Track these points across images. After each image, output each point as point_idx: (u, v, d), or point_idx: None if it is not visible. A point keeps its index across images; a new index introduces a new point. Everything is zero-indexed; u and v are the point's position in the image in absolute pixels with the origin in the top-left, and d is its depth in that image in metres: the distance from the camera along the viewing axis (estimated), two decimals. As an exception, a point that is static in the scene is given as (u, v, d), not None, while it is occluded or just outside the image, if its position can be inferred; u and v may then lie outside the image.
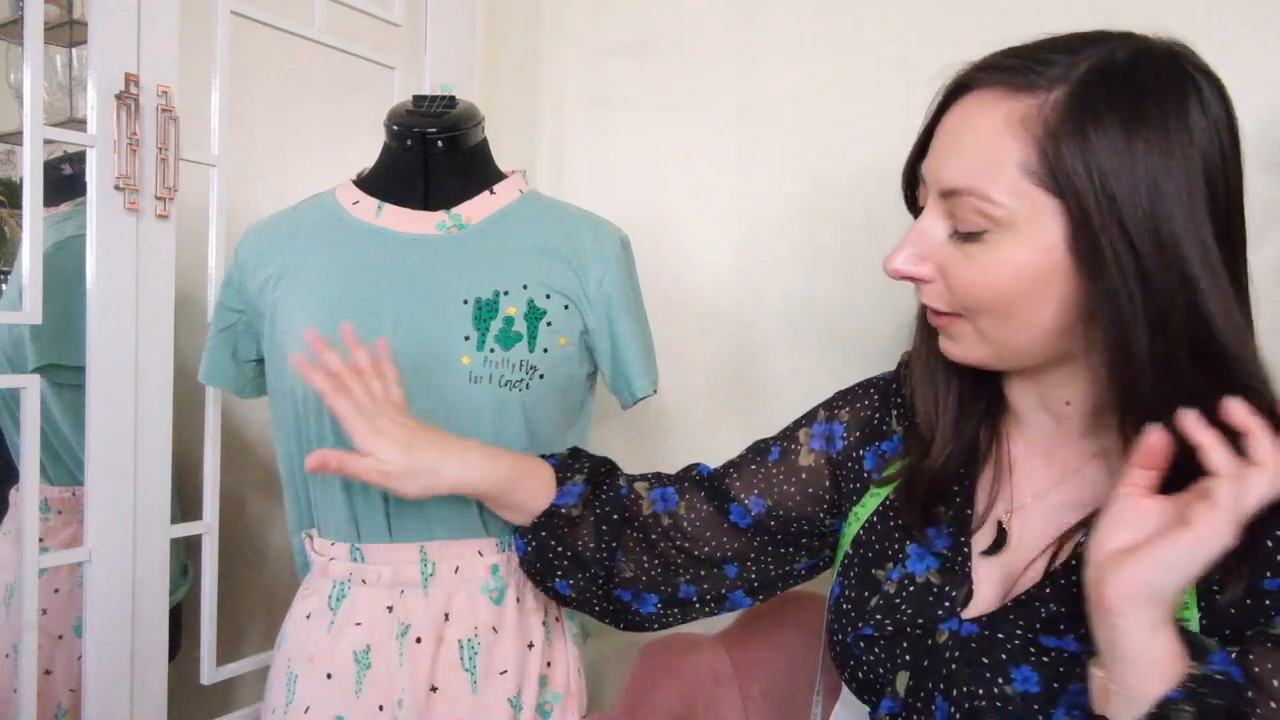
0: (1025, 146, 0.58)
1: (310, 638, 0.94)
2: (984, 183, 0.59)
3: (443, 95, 1.00)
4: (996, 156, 0.59)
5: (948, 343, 0.68)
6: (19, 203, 1.11)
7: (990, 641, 0.64)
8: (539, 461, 0.88)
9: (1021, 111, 0.59)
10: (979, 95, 0.62)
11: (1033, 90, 0.59)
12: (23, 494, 1.03)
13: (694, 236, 1.30)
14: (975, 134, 0.61)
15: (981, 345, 0.65)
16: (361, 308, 0.92)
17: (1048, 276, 0.59)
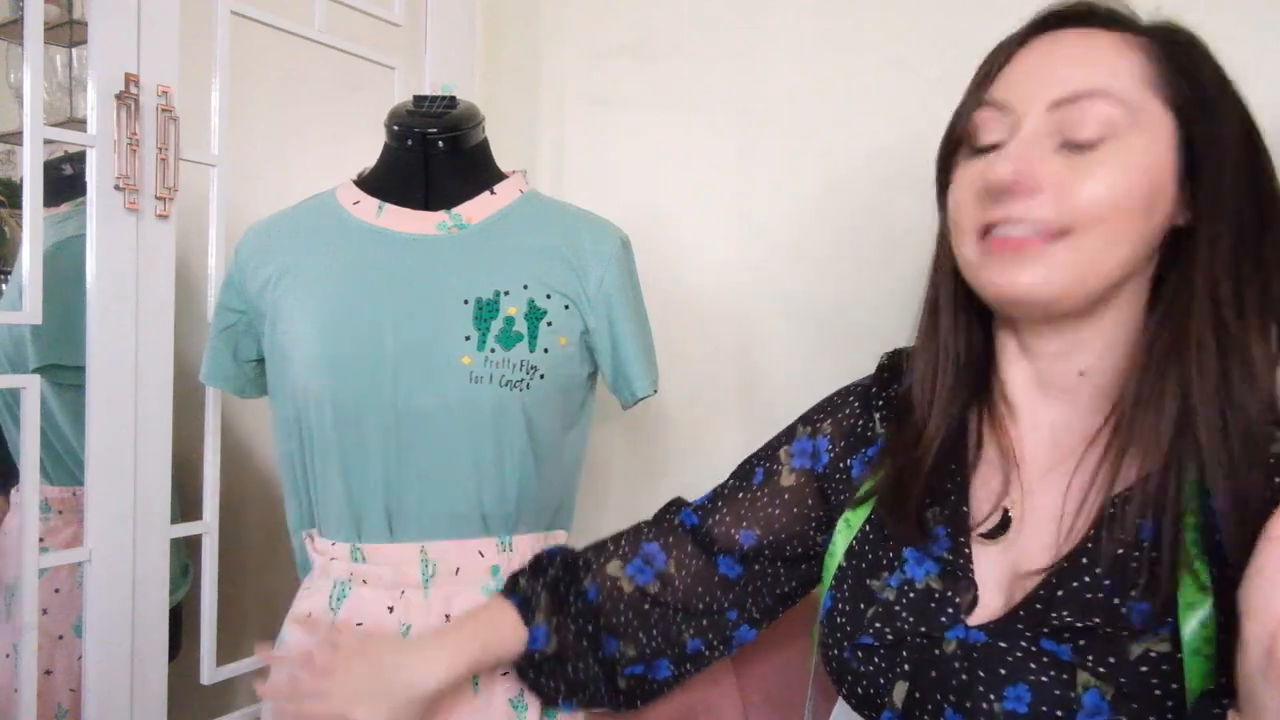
0: (1144, 60, 0.61)
1: (311, 638, 0.94)
2: (1106, 83, 0.60)
3: (443, 95, 1.00)
4: (1117, 64, 0.60)
5: (1021, 270, 0.61)
6: (19, 203, 1.11)
7: (995, 651, 0.62)
8: (500, 607, 0.84)
9: (1129, 39, 0.62)
10: (1072, 30, 0.63)
11: (1124, 28, 0.62)
12: (23, 494, 1.03)
13: (694, 236, 1.30)
14: (1090, 47, 0.61)
15: (1069, 270, 0.61)
16: (362, 308, 0.92)
17: (1158, 189, 0.60)
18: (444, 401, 0.91)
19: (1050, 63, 0.62)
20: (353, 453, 0.92)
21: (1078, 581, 0.61)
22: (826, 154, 1.19)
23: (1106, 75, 0.60)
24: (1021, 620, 0.62)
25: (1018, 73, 0.63)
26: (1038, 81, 0.62)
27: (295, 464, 0.97)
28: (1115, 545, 0.60)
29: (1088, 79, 0.60)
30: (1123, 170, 0.59)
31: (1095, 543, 0.61)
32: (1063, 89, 0.60)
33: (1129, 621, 0.58)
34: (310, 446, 0.94)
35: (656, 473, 1.36)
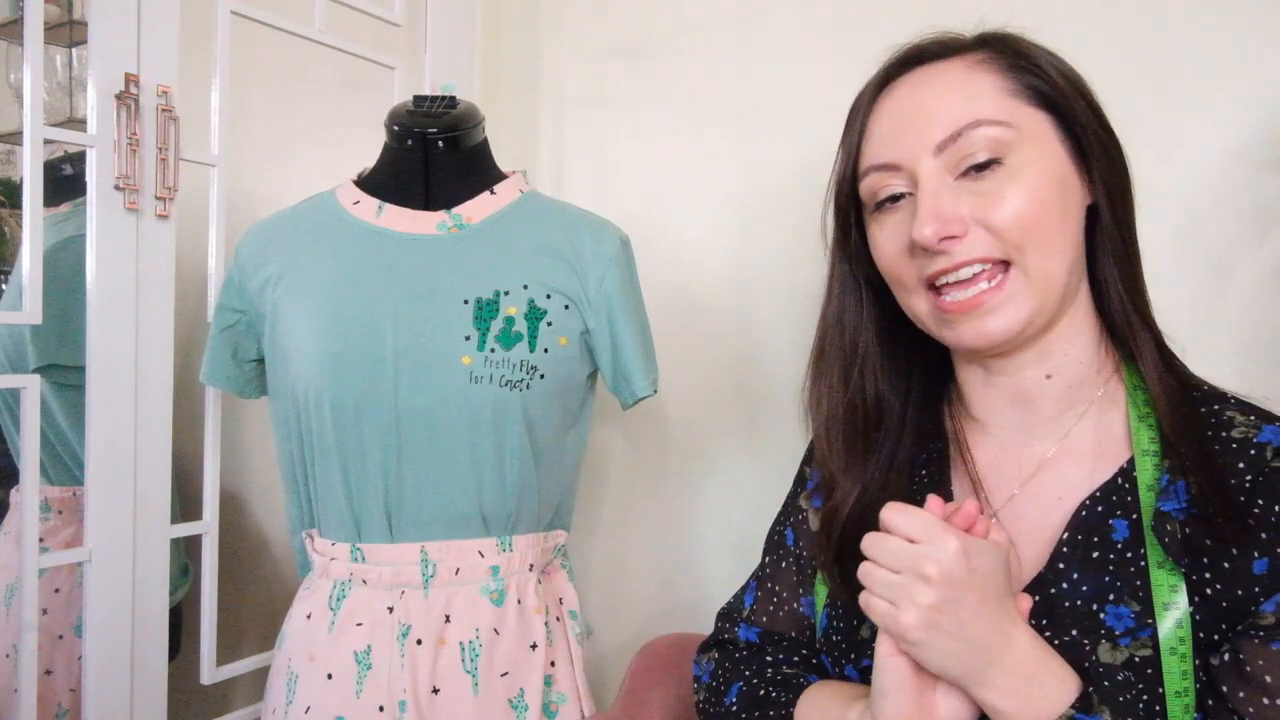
0: (995, 76, 0.63)
1: (311, 638, 0.94)
2: (981, 111, 0.61)
3: (443, 95, 1.00)
4: (975, 88, 0.62)
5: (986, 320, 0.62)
6: (19, 203, 1.10)
7: None
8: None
9: (969, 62, 0.64)
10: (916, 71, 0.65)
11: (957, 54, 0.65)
12: (23, 494, 1.03)
13: (694, 236, 1.30)
14: (944, 82, 0.63)
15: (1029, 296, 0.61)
16: (362, 308, 0.92)
17: (1065, 184, 0.62)
18: (444, 401, 0.91)
19: (916, 109, 0.63)
20: (353, 453, 0.92)
21: (1055, 589, 0.61)
22: (826, 153, 1.18)
23: (973, 101, 0.62)
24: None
25: (887, 129, 0.65)
26: (913, 131, 0.63)
27: (295, 464, 0.97)
28: (1089, 548, 0.60)
29: (958, 113, 0.61)
30: (1027, 183, 0.61)
31: (1070, 547, 0.61)
32: (941, 130, 0.61)
33: (1107, 626, 0.58)
34: (310, 446, 0.94)
35: (656, 473, 1.36)
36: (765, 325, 1.25)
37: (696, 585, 1.32)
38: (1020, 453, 0.67)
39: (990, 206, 0.60)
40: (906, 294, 0.67)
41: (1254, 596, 0.55)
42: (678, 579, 1.34)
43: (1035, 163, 0.61)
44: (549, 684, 0.96)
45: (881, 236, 0.67)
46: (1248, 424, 0.60)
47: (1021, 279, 0.61)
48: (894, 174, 0.64)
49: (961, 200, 0.61)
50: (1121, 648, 0.57)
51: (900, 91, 0.65)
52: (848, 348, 0.72)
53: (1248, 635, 0.54)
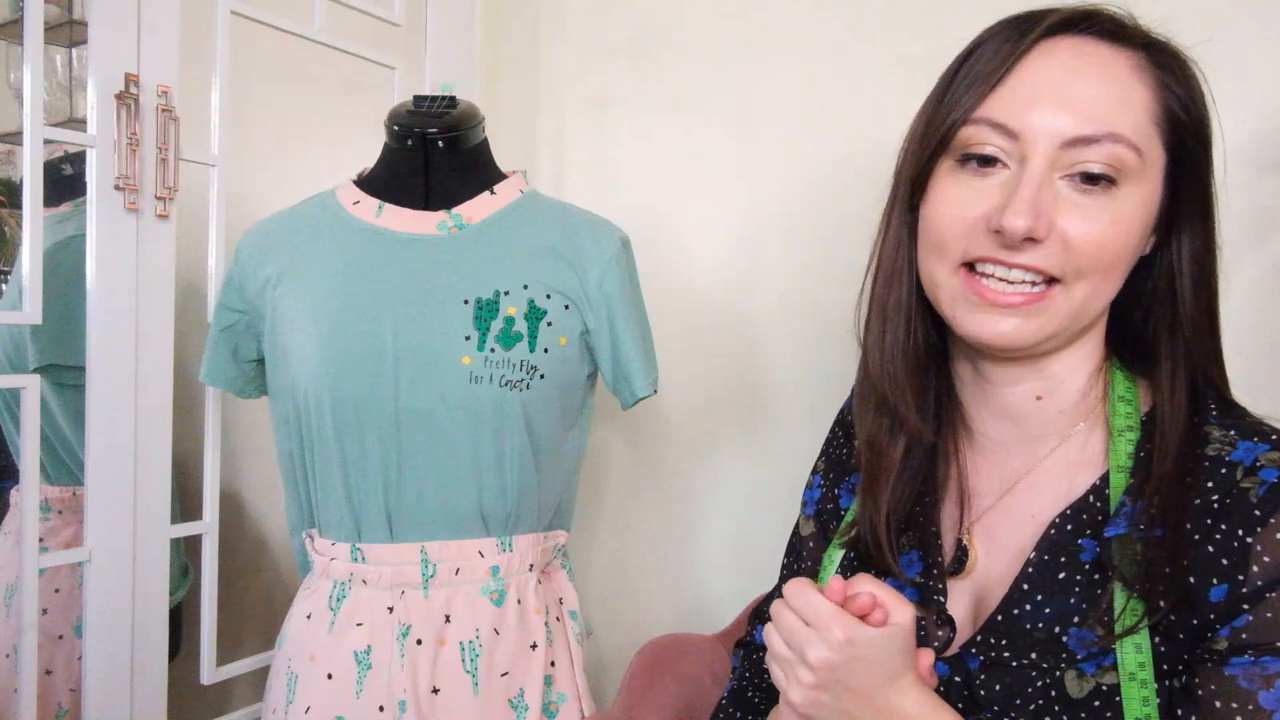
0: (1152, 92, 0.58)
1: (311, 638, 0.94)
2: (1122, 126, 0.56)
3: (443, 95, 1.00)
4: (1130, 98, 0.57)
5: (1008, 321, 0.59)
6: (19, 203, 1.10)
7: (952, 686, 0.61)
8: None
9: (1136, 60, 0.58)
10: (1078, 40, 0.58)
11: (1125, 42, 0.59)
12: (23, 494, 1.03)
13: (694, 236, 1.30)
14: (1104, 76, 0.57)
15: (1058, 318, 0.59)
16: (362, 308, 0.92)
17: (1146, 229, 0.59)
18: (444, 401, 0.91)
19: (1065, 87, 0.57)
20: (352, 452, 0.92)
21: (1019, 609, 0.59)
22: (826, 153, 1.19)
23: (1122, 113, 0.57)
24: (971, 654, 0.61)
25: (1025, 89, 0.58)
26: (1052, 109, 0.57)
27: (295, 464, 0.97)
28: (1056, 569, 0.59)
29: (1106, 119, 0.56)
30: (1125, 221, 0.57)
31: (1036, 568, 0.60)
32: (1079, 127, 0.56)
33: (1069, 650, 0.57)
34: (310, 446, 0.94)
35: (656, 473, 1.36)
36: (765, 325, 1.25)
37: (696, 585, 1.32)
38: (1002, 465, 0.66)
39: (1080, 225, 0.57)
40: (938, 260, 0.62)
41: (1210, 624, 0.54)
42: (678, 579, 1.34)
43: (1139, 198, 0.58)
44: (549, 684, 0.96)
45: (953, 194, 0.61)
46: (1223, 440, 0.58)
47: (1063, 299, 0.58)
48: (1005, 138, 0.58)
49: (1058, 204, 0.57)
50: (1088, 676, 0.56)
51: (1058, 56, 0.58)
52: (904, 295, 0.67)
53: (1201, 660, 0.54)
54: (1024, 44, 0.59)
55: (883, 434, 0.68)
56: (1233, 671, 0.52)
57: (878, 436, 0.68)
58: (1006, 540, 0.64)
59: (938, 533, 0.67)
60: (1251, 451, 0.56)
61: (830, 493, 0.79)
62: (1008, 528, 0.64)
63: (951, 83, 0.62)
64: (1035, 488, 0.64)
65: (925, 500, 0.68)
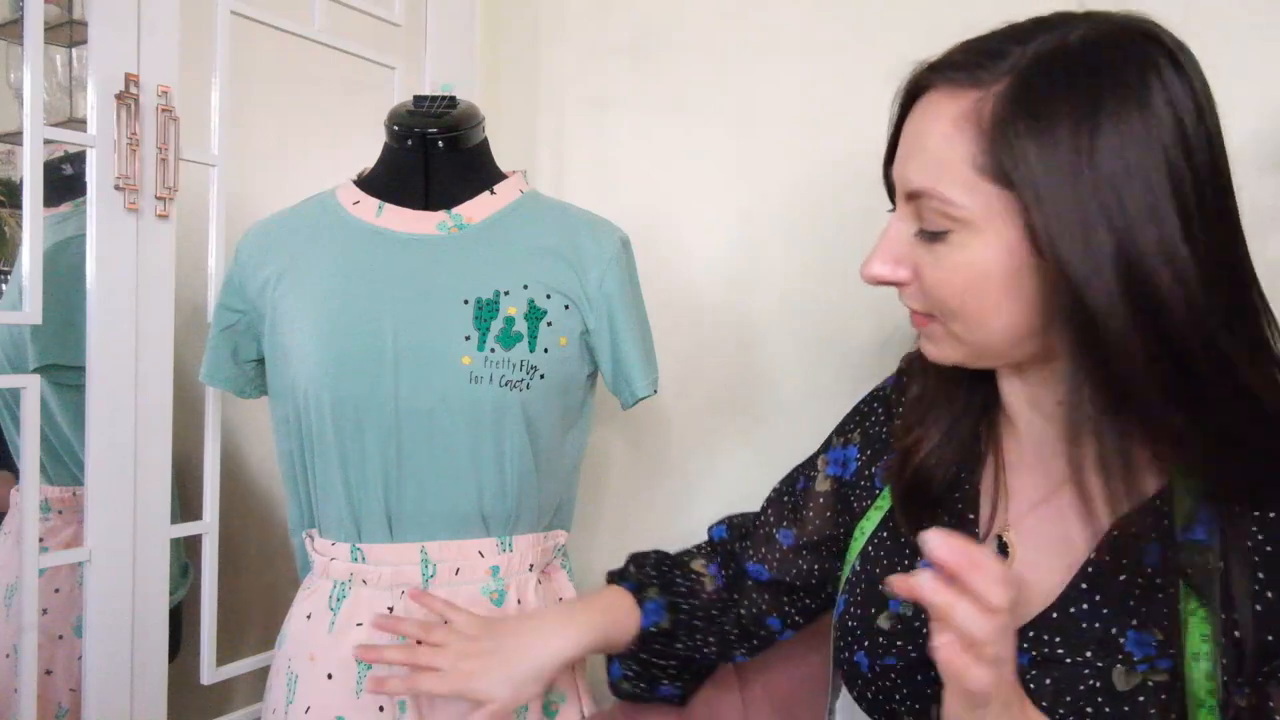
0: (971, 141, 0.57)
1: (311, 638, 0.94)
2: (941, 183, 0.59)
3: (443, 95, 1.00)
4: (948, 155, 0.58)
5: (927, 344, 0.67)
6: (19, 203, 1.10)
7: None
8: (613, 591, 0.89)
9: (966, 107, 0.58)
10: (932, 96, 0.61)
11: (978, 85, 0.58)
12: (23, 494, 1.03)
13: (694, 236, 1.30)
14: (929, 135, 0.60)
15: (956, 346, 0.64)
16: (362, 308, 0.92)
17: (1012, 275, 0.57)
18: (444, 401, 0.91)
19: (909, 147, 0.63)
20: (352, 453, 0.92)
21: (1075, 609, 0.59)
22: (826, 153, 1.19)
23: (940, 170, 0.59)
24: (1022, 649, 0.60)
25: (901, 147, 0.65)
26: (902, 165, 0.63)
27: (295, 464, 0.97)
28: (1117, 570, 0.59)
29: (923, 177, 0.60)
30: (965, 264, 0.59)
31: (1096, 568, 0.60)
32: (911, 182, 0.61)
33: (1127, 653, 0.57)
34: (310, 446, 0.94)
35: (656, 473, 1.36)
36: (765, 325, 1.25)
37: (696, 585, 1.32)
38: (1048, 461, 0.66)
39: (926, 270, 0.62)
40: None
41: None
42: (678, 579, 1.34)
43: (981, 248, 0.58)
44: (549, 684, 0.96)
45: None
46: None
47: (949, 331, 0.63)
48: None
49: (912, 252, 0.62)
50: (1137, 673, 0.56)
51: (919, 110, 0.63)
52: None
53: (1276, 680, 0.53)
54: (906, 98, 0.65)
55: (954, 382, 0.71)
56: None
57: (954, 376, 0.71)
58: (1052, 538, 0.64)
59: (976, 520, 0.67)
60: None
61: (866, 470, 0.79)
62: (1057, 527, 0.64)
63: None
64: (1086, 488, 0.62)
65: (965, 487, 0.69)
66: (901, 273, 0.63)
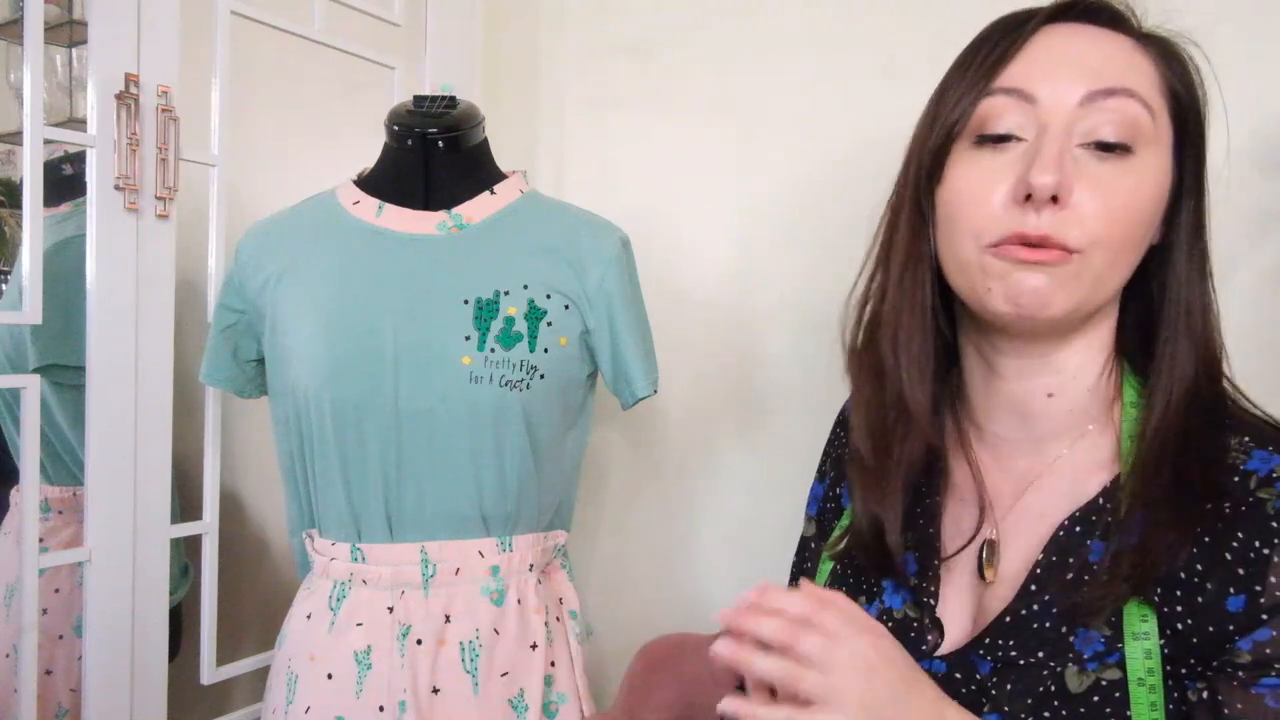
0: (1157, 65, 0.59)
1: (311, 638, 0.94)
2: (1135, 83, 0.57)
3: (443, 95, 1.00)
4: (1140, 65, 0.58)
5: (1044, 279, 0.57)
6: (19, 203, 1.10)
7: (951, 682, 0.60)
8: None
9: (1135, 41, 0.60)
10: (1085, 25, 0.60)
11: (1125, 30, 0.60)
12: (23, 494, 1.03)
13: (694, 236, 1.30)
14: (1113, 44, 0.59)
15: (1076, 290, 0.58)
16: (362, 308, 0.92)
17: (1158, 209, 0.59)
18: (444, 401, 0.91)
19: (1077, 53, 0.58)
20: (352, 453, 0.92)
21: (1026, 610, 0.59)
22: (826, 153, 1.19)
23: (1133, 73, 0.58)
24: (974, 652, 0.60)
25: (1037, 61, 0.59)
26: (1067, 72, 0.57)
27: (295, 464, 0.97)
28: (1063, 570, 0.59)
29: (1121, 75, 0.57)
30: (1140, 192, 0.57)
31: (1044, 569, 0.60)
32: (1096, 81, 0.56)
33: (1076, 651, 0.57)
34: (310, 446, 0.94)
35: (656, 473, 1.36)
36: (765, 325, 1.25)
37: (696, 585, 1.32)
38: (1012, 465, 0.66)
39: (1099, 191, 0.56)
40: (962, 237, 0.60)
41: (1228, 633, 0.53)
42: (678, 579, 1.34)
43: (1155, 170, 0.58)
44: (549, 684, 0.96)
45: (974, 173, 0.60)
46: (1238, 447, 0.57)
47: (1082, 265, 0.57)
48: (1022, 106, 0.58)
49: (1077, 171, 0.56)
50: (1089, 672, 0.56)
51: (1064, 32, 0.60)
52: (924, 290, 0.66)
53: (1225, 675, 0.53)
54: (1027, 29, 0.60)
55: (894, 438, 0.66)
56: (1260, 690, 0.52)
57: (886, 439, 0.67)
58: (1017, 541, 0.63)
59: (937, 534, 0.66)
60: (1267, 461, 0.56)
61: (832, 492, 0.79)
62: (1019, 530, 0.64)
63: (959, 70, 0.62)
64: (1045, 489, 0.63)
65: (926, 501, 0.68)
66: (1067, 189, 0.56)
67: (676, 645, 1.03)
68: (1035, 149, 0.57)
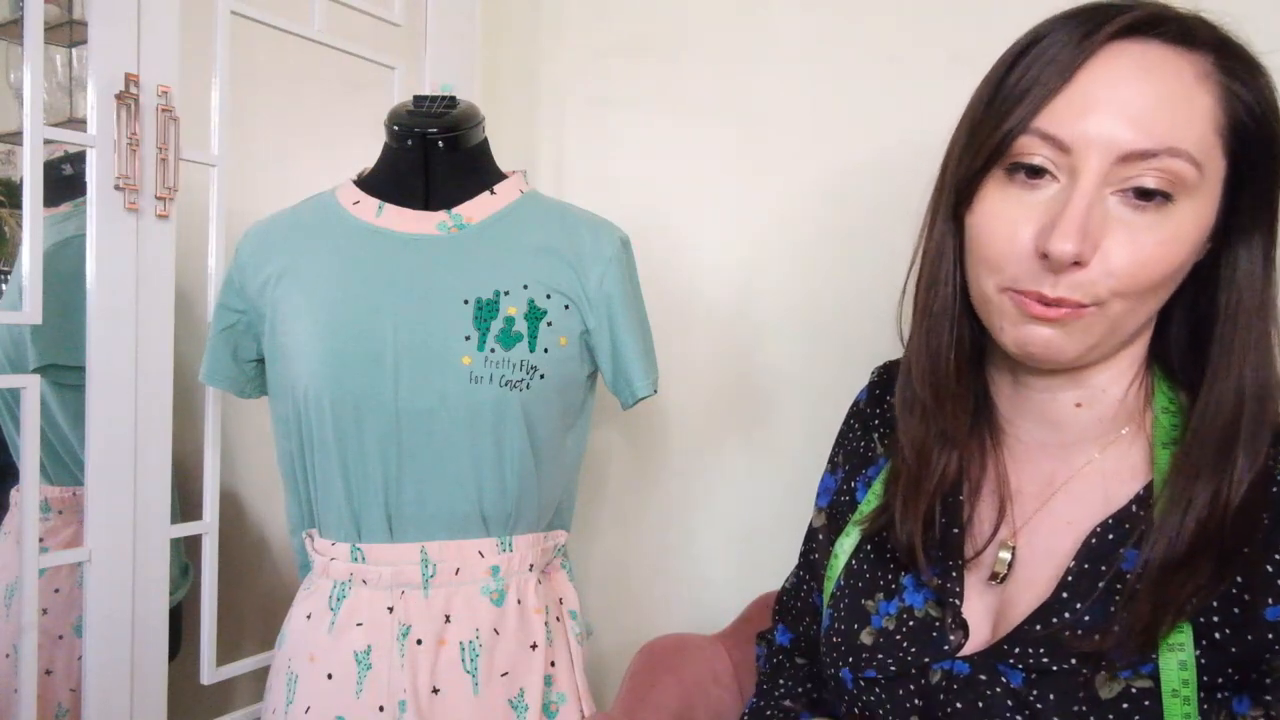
0: (1215, 101, 0.54)
1: (311, 638, 0.94)
2: (1183, 140, 0.53)
3: (443, 95, 1.00)
4: (1193, 108, 0.54)
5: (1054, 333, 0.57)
6: (19, 203, 1.10)
7: (975, 684, 0.60)
8: None
9: (1201, 66, 0.55)
10: (1139, 44, 0.55)
11: (1194, 47, 0.55)
12: (23, 494, 1.03)
13: (694, 236, 1.30)
14: (1166, 84, 0.54)
15: (1099, 333, 0.57)
16: (362, 307, 0.92)
17: (1200, 243, 0.56)
18: (444, 401, 0.91)
19: (1125, 100, 0.54)
20: (352, 453, 0.92)
21: (1058, 618, 0.59)
22: (826, 154, 1.19)
23: (1184, 125, 0.53)
24: (1000, 655, 0.60)
25: (1081, 101, 0.55)
26: (1110, 122, 0.54)
27: (295, 464, 0.97)
28: (1095, 578, 0.59)
29: (1167, 133, 0.53)
30: (1174, 241, 0.55)
31: (1076, 576, 0.60)
32: (1137, 142, 0.53)
33: (1109, 659, 0.56)
34: (310, 446, 0.94)
35: (656, 473, 1.36)
36: (765, 325, 1.25)
37: (696, 585, 1.32)
38: (1039, 471, 0.66)
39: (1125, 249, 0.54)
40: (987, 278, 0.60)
41: (1267, 643, 0.53)
42: (678, 579, 1.34)
43: (1193, 215, 0.55)
44: (549, 684, 0.96)
45: (1001, 209, 0.58)
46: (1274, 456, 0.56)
47: (1099, 316, 0.56)
48: (1054, 150, 0.55)
49: (1106, 223, 0.54)
50: (1120, 679, 0.56)
51: (1122, 62, 0.55)
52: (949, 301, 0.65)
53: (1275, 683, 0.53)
54: (1088, 46, 0.55)
55: (931, 442, 0.66)
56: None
57: (926, 444, 0.66)
58: (1043, 546, 0.63)
59: (961, 535, 0.66)
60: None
61: (846, 485, 0.78)
62: (1046, 537, 0.63)
63: (1004, 81, 0.58)
64: (1074, 495, 0.63)
65: (949, 501, 0.67)
66: (1089, 252, 0.54)
67: (676, 645, 1.03)
68: (1064, 201, 0.55)
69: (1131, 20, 0.55)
